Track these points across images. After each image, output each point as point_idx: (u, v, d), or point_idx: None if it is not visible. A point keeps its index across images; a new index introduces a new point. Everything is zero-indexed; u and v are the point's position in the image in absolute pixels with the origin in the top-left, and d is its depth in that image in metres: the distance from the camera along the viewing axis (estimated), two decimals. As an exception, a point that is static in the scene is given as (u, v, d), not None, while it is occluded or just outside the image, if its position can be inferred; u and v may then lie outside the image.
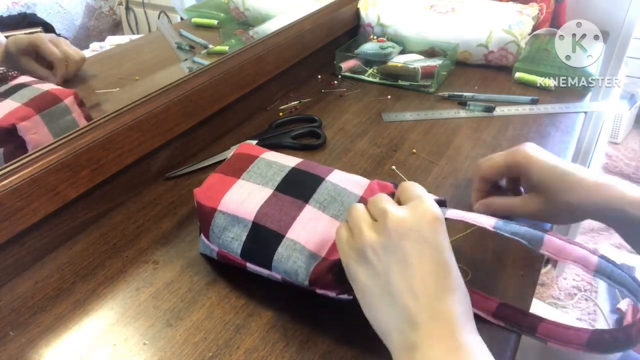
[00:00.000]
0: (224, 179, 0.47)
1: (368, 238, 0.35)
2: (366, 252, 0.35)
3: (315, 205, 0.44)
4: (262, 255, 0.42)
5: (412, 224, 0.34)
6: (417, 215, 0.35)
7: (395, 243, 0.34)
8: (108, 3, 1.01)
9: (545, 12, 0.99)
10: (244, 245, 0.43)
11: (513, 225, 0.38)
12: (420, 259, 0.33)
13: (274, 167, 0.48)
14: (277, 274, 0.42)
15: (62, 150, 0.50)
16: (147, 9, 1.06)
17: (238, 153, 0.51)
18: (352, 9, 0.98)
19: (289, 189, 0.45)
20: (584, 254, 0.35)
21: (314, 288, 0.41)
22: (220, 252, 0.45)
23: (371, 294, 0.35)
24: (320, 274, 0.40)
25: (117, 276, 0.48)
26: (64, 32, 0.96)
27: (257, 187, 0.45)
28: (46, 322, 0.43)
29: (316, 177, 0.46)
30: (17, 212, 0.46)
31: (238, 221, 0.44)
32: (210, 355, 0.40)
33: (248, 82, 0.73)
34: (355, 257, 0.36)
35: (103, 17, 1.01)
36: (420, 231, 0.34)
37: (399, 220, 0.34)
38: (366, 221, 0.37)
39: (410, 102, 0.81)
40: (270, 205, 0.44)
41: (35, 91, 0.59)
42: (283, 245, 0.42)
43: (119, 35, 1.02)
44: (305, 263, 0.40)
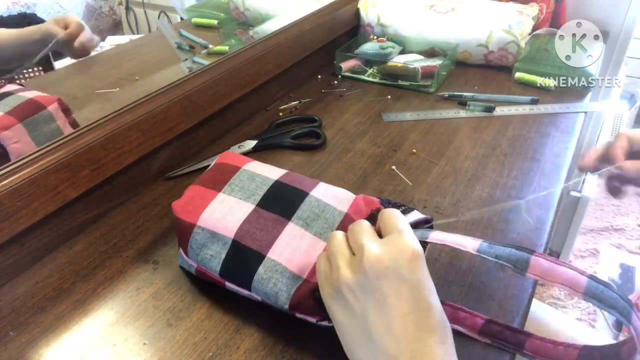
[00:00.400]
0: (204, 192, 0.45)
1: (344, 276, 0.34)
2: (342, 290, 0.34)
3: (298, 223, 0.42)
4: (242, 275, 0.41)
5: (389, 262, 0.32)
6: (395, 252, 0.33)
7: (372, 283, 0.32)
8: (108, 3, 1.01)
9: (545, 12, 0.99)
10: (223, 263, 0.42)
11: (497, 247, 0.35)
12: (399, 298, 0.32)
13: (256, 179, 0.46)
14: (256, 295, 0.41)
15: (62, 150, 0.50)
16: (147, 9, 1.06)
17: (219, 163, 0.49)
18: (352, 9, 0.98)
19: (271, 205, 0.43)
20: (573, 276, 0.33)
21: (294, 312, 0.40)
22: (199, 268, 0.44)
23: (349, 334, 0.34)
24: (301, 299, 0.39)
25: (117, 276, 0.48)
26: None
27: (239, 202, 0.44)
28: (46, 322, 0.43)
29: (300, 192, 0.45)
30: (17, 212, 0.46)
31: (218, 238, 0.42)
32: (210, 355, 0.40)
33: (248, 82, 0.73)
34: (333, 293, 0.35)
35: (103, 17, 1.00)
36: (398, 269, 0.32)
37: (375, 258, 0.32)
38: (343, 256, 0.35)
39: (410, 102, 0.81)
40: (251, 222, 0.42)
41: (19, 99, 0.58)
42: (264, 265, 0.40)
43: (119, 35, 1.02)
44: (285, 285, 0.39)
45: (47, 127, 0.57)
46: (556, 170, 0.64)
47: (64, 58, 0.86)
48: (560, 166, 0.65)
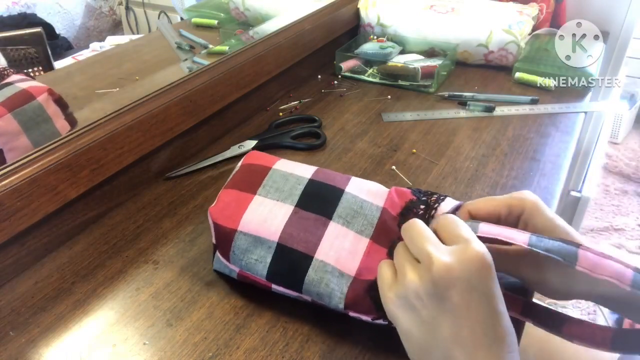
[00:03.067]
0: (239, 195, 0.45)
1: (412, 284, 0.33)
2: (409, 297, 0.33)
3: (339, 222, 0.43)
4: (291, 278, 0.41)
5: (459, 273, 0.31)
6: (465, 261, 0.32)
7: (441, 292, 0.32)
8: (108, 3, 1.01)
9: (545, 12, 0.99)
10: (269, 267, 0.42)
11: (546, 241, 0.35)
12: (469, 308, 0.31)
13: (290, 179, 0.46)
14: (307, 297, 0.42)
15: (62, 150, 0.50)
16: (147, 9, 1.06)
17: (247, 164, 0.48)
18: (352, 9, 0.98)
19: (310, 205, 0.44)
20: (619, 269, 0.33)
21: (348, 311, 0.40)
22: (242, 273, 0.44)
23: (415, 341, 0.34)
24: (356, 298, 0.39)
25: (117, 276, 0.48)
26: (64, 32, 0.96)
27: (277, 204, 0.44)
28: (46, 322, 0.43)
29: (336, 189, 0.45)
30: (17, 212, 0.46)
31: (261, 242, 0.42)
32: (210, 355, 0.40)
33: (248, 82, 0.73)
34: (397, 301, 0.34)
35: (103, 17, 1.01)
36: (469, 280, 0.31)
37: (445, 268, 0.32)
38: (410, 262, 0.34)
39: (410, 102, 0.81)
40: (293, 224, 0.43)
41: (14, 89, 0.57)
42: (313, 267, 0.41)
43: (119, 35, 1.02)
44: (337, 285, 0.40)
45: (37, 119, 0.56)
46: (556, 170, 0.64)
47: (65, 58, 0.87)
48: (560, 166, 0.65)
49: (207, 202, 0.58)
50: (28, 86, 0.58)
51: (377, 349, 0.41)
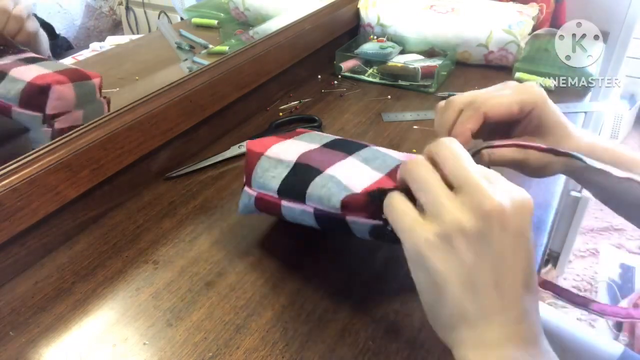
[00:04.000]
0: (276, 139, 0.50)
1: (459, 222, 0.28)
2: (453, 237, 0.29)
3: (357, 158, 0.45)
4: (299, 187, 0.43)
5: (513, 215, 0.29)
6: (518, 206, 0.29)
7: (494, 235, 0.28)
8: (108, 3, 1.01)
9: (545, 12, 0.99)
10: (282, 182, 0.44)
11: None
12: (516, 254, 0.29)
13: (323, 136, 0.51)
14: (310, 205, 0.42)
15: (62, 150, 0.50)
16: (147, 9, 1.06)
17: (294, 132, 0.54)
18: (352, 9, 0.98)
19: (334, 146, 0.48)
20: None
21: (345, 213, 0.39)
22: (259, 195, 0.46)
23: (446, 285, 0.29)
24: (354, 197, 0.39)
25: (117, 276, 0.48)
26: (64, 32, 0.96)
27: (305, 144, 0.49)
28: (46, 322, 0.43)
29: (362, 144, 0.49)
30: (17, 212, 0.46)
31: (281, 163, 0.46)
32: (210, 355, 0.40)
33: (248, 82, 0.73)
34: (435, 242, 0.29)
35: (103, 17, 1.01)
36: (520, 224, 0.29)
37: (500, 208, 0.28)
38: (448, 195, 0.29)
39: (410, 102, 0.81)
40: (314, 152, 0.47)
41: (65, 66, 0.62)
42: (321, 177, 0.42)
43: (119, 35, 1.02)
44: (338, 190, 0.40)
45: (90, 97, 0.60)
46: (556, 170, 0.63)
47: (65, 58, 0.86)
48: (560, 166, 0.65)
49: (207, 202, 0.58)
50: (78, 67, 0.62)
51: (377, 349, 0.41)
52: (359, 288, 0.46)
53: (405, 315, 0.43)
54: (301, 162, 0.45)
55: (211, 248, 0.51)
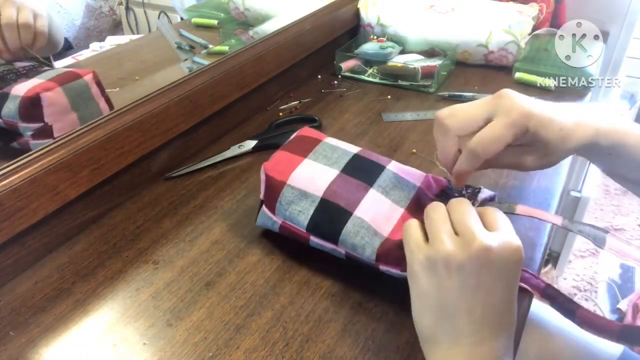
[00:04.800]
0: (291, 157, 0.49)
1: (447, 253, 0.34)
2: (438, 264, 0.34)
3: (378, 190, 0.47)
4: (330, 229, 0.44)
5: (497, 259, 0.33)
6: (504, 250, 0.34)
7: (473, 270, 0.33)
8: (108, 3, 1.01)
9: (545, 12, 0.99)
10: (311, 218, 0.45)
11: (577, 224, 0.41)
12: (492, 291, 0.34)
13: (338, 150, 0.50)
14: (342, 249, 0.44)
15: (62, 150, 0.50)
16: (147, 9, 1.06)
17: (300, 135, 0.53)
18: (352, 9, 0.98)
19: (354, 173, 0.48)
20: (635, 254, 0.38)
21: (379, 264, 0.43)
22: (284, 224, 0.47)
23: (427, 302, 0.36)
24: (388, 251, 0.42)
25: (117, 276, 0.48)
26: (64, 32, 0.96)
27: (324, 168, 0.48)
28: (46, 322, 0.43)
29: (378, 165, 0.50)
30: (17, 212, 0.46)
31: (306, 196, 0.46)
32: (210, 355, 0.40)
33: (248, 82, 0.73)
34: (425, 263, 0.35)
35: (103, 17, 1.01)
36: (502, 268, 0.34)
37: (485, 249, 0.33)
38: (448, 232, 0.35)
39: (410, 102, 0.81)
40: (337, 184, 0.46)
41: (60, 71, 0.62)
42: (352, 221, 0.44)
43: (119, 35, 1.02)
44: (371, 240, 0.43)
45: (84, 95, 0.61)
46: (556, 171, 0.64)
47: (65, 58, 0.86)
48: (560, 166, 0.65)
49: (207, 202, 0.58)
50: (72, 69, 0.63)
51: (377, 349, 0.41)
52: (359, 288, 0.46)
53: (405, 315, 0.43)
54: (327, 198, 0.45)
55: (211, 248, 0.51)
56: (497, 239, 0.34)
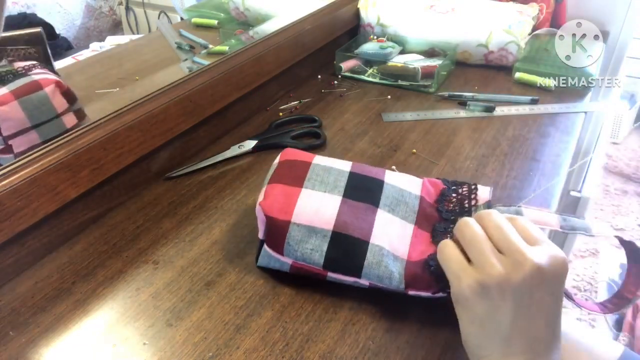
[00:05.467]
0: (286, 189, 0.46)
1: (500, 276, 0.34)
2: (491, 288, 0.34)
3: (385, 209, 0.46)
4: (349, 263, 0.43)
5: (549, 276, 0.34)
6: (555, 265, 0.34)
7: (528, 290, 0.33)
8: (108, 3, 1.01)
9: (545, 12, 0.99)
10: (326, 255, 0.43)
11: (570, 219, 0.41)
12: (545, 310, 0.34)
13: (332, 172, 0.48)
14: (365, 281, 0.43)
15: (62, 150, 0.50)
16: (147, 9, 1.06)
17: (285, 161, 0.50)
18: (352, 9, 0.98)
19: (357, 195, 0.46)
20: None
21: (408, 290, 0.42)
22: (296, 264, 0.44)
23: (480, 325, 0.35)
24: (415, 276, 0.41)
25: (117, 276, 0.48)
26: (64, 32, 0.96)
27: (325, 195, 0.46)
28: (46, 322, 0.43)
29: (376, 180, 0.48)
30: (17, 212, 0.46)
31: (315, 232, 0.43)
32: (210, 355, 0.40)
33: (248, 82, 0.73)
34: (476, 288, 0.35)
35: (103, 17, 1.01)
36: (554, 284, 0.34)
37: (538, 269, 0.33)
38: (494, 252, 0.35)
39: (410, 102, 0.81)
40: (345, 212, 0.44)
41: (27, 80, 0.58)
42: (370, 251, 0.43)
43: (119, 35, 1.02)
44: (395, 267, 0.42)
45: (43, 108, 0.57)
46: (556, 170, 0.64)
47: (65, 58, 0.86)
48: (560, 166, 0.65)
49: (207, 202, 0.58)
50: (40, 78, 0.59)
51: (377, 349, 0.41)
52: (359, 288, 0.46)
53: (405, 316, 0.43)
54: (340, 231, 0.43)
55: (211, 248, 0.51)
56: (545, 254, 0.34)
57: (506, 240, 0.35)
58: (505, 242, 0.35)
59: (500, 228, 0.36)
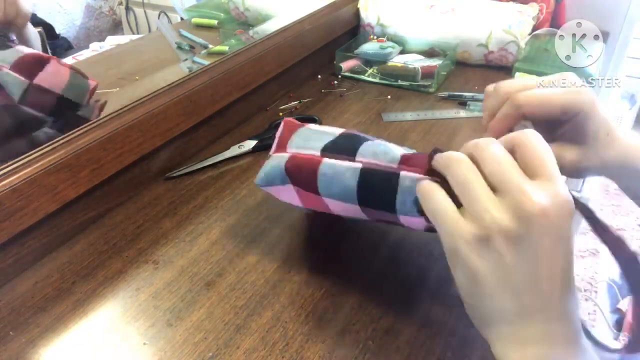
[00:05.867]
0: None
1: (501, 224, 0.29)
2: (494, 240, 0.29)
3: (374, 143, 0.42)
4: (348, 145, 0.41)
5: (555, 219, 0.29)
6: (559, 207, 0.29)
7: (535, 239, 0.29)
8: (108, 3, 1.01)
9: (545, 12, 0.99)
10: (327, 143, 0.42)
11: None
12: (554, 257, 0.29)
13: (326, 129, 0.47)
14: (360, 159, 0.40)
15: (62, 150, 0.50)
16: (147, 9, 1.06)
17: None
18: (352, 9, 0.98)
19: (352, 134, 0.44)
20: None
21: (403, 167, 0.38)
22: (294, 155, 0.43)
23: (485, 283, 0.30)
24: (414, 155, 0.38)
25: (117, 276, 0.48)
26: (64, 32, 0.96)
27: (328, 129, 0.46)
28: (46, 322, 0.43)
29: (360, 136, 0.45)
30: (17, 212, 0.46)
31: (326, 134, 0.44)
32: (210, 355, 0.40)
33: (248, 82, 0.73)
34: (474, 243, 0.30)
35: (103, 17, 1.01)
36: (561, 227, 0.29)
37: (542, 212, 0.28)
38: (491, 198, 0.29)
39: (410, 102, 0.81)
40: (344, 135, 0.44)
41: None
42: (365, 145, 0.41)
43: (119, 35, 1.02)
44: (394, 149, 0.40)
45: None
46: (556, 170, 0.63)
47: (65, 58, 0.86)
48: (560, 166, 0.65)
49: (207, 202, 0.58)
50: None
51: (377, 349, 0.41)
52: (359, 288, 0.46)
53: (405, 316, 0.43)
54: (346, 133, 0.44)
55: (211, 248, 0.51)
56: (548, 193, 0.29)
57: (504, 178, 0.30)
58: (503, 181, 0.30)
59: (499, 163, 0.30)
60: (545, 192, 0.29)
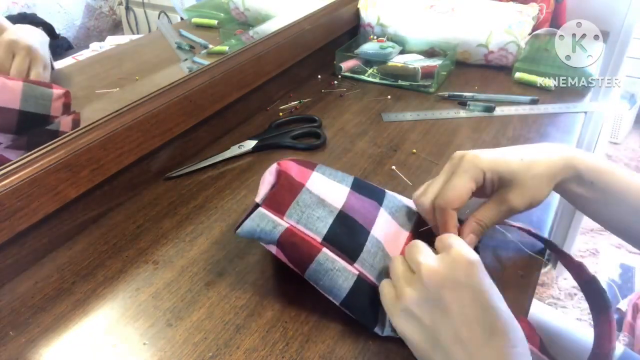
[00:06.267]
0: (300, 167, 0.47)
1: (409, 295, 0.36)
2: (411, 309, 0.36)
3: (387, 210, 0.47)
4: (351, 244, 0.43)
5: (445, 272, 0.35)
6: (450, 262, 0.35)
7: (434, 295, 0.35)
8: (108, 3, 1.01)
9: (545, 12, 0.99)
10: (330, 228, 0.43)
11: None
12: (461, 305, 0.34)
13: (338, 173, 0.49)
14: (357, 267, 0.42)
15: (62, 150, 0.50)
16: (147, 9, 1.06)
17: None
18: (352, 9, 0.98)
19: (362, 192, 0.48)
20: None
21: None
22: (292, 228, 0.42)
23: (423, 348, 0.36)
24: None
25: (117, 276, 0.48)
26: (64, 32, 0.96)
27: (335, 183, 0.47)
28: (46, 322, 0.43)
29: (379, 189, 0.50)
30: (17, 212, 0.46)
31: (324, 204, 0.44)
32: (210, 355, 0.40)
33: (248, 82, 0.73)
34: (402, 315, 0.37)
35: (103, 17, 1.01)
36: (455, 278, 0.34)
37: (432, 271, 0.35)
38: (405, 277, 0.38)
39: (410, 102, 0.81)
40: (352, 200, 0.46)
41: None
42: (370, 240, 0.44)
43: (119, 35, 1.02)
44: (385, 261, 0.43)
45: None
46: (556, 170, 0.63)
47: (65, 58, 0.86)
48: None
49: (207, 202, 0.58)
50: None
51: (377, 349, 0.41)
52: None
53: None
54: (346, 212, 0.44)
55: (211, 248, 0.51)
56: (440, 258, 0.36)
57: (411, 260, 0.38)
58: (411, 263, 0.38)
59: (409, 253, 0.39)
60: (437, 257, 0.36)
